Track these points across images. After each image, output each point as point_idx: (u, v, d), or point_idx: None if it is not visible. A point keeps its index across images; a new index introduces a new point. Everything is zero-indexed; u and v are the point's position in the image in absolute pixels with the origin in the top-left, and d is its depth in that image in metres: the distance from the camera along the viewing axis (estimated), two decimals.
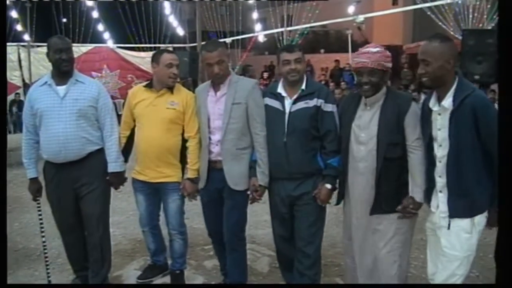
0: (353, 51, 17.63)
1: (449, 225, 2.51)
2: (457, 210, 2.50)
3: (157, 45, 16.59)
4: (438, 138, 2.56)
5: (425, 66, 2.51)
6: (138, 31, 16.44)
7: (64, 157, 3.19)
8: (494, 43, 7.56)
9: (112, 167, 3.34)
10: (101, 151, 3.34)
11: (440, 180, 2.57)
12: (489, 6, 10.16)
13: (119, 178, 3.42)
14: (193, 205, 3.55)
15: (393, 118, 2.71)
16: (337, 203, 3.06)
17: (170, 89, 3.35)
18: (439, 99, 2.56)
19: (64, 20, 16.79)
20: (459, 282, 2.48)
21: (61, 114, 3.15)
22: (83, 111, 3.21)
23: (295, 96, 3.03)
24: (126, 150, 3.52)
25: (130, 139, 3.54)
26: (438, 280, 2.56)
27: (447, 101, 2.49)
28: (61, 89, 3.19)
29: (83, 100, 3.21)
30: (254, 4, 15.62)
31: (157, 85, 3.37)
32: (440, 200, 2.58)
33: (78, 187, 3.28)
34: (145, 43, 16.56)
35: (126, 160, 3.50)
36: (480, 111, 2.39)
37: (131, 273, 3.85)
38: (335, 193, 3.04)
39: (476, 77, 7.37)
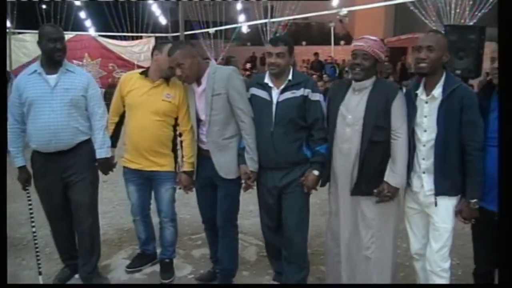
0: (334, 44, 17.81)
1: (435, 202, 2.74)
2: (443, 188, 2.72)
3: (139, 34, 16.46)
4: (424, 124, 2.74)
5: (429, 53, 2.68)
6: (120, 20, 16.25)
7: (54, 147, 3.18)
8: (475, 39, 7.74)
9: (99, 153, 3.35)
10: (90, 141, 3.35)
11: (424, 162, 2.77)
12: (471, 2, 10.36)
13: (108, 164, 3.43)
14: (179, 195, 3.59)
15: (381, 103, 2.83)
16: (323, 185, 3.15)
17: (167, 80, 3.35)
18: (427, 89, 2.74)
19: (44, 6, 16.50)
20: (447, 252, 2.76)
21: (52, 103, 3.13)
22: (74, 100, 3.20)
23: (282, 86, 3.07)
24: (115, 136, 3.52)
25: (119, 125, 3.55)
26: (431, 252, 2.79)
27: (437, 91, 2.70)
28: (52, 78, 3.17)
29: (74, 90, 3.20)
30: None
31: (153, 75, 3.35)
32: (424, 180, 2.78)
33: (67, 176, 3.28)
34: (127, 32, 16.39)
35: (114, 146, 3.50)
36: (468, 102, 2.64)
37: (119, 262, 3.87)
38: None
39: (458, 71, 7.53)
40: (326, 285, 3.18)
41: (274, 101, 3.06)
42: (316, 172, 3.02)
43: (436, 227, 2.76)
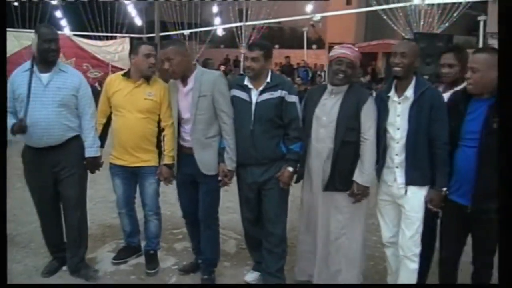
0: (307, 48, 18.16)
1: (406, 191, 3.02)
2: (414, 179, 3.00)
3: (114, 34, 16.43)
4: (397, 123, 3.02)
5: (402, 58, 2.97)
6: (95, 20, 16.21)
7: (45, 143, 3.34)
8: (443, 46, 8.18)
9: (89, 152, 3.52)
10: (79, 138, 3.50)
11: (397, 158, 3.04)
12: (439, 11, 10.87)
13: (95, 163, 3.59)
14: (160, 192, 3.79)
15: (353, 106, 3.11)
16: (297, 181, 3.42)
17: (147, 79, 3.55)
18: (398, 91, 3.03)
19: (16, 4, 16.28)
20: (419, 239, 3.03)
21: (44, 101, 3.29)
22: (66, 99, 3.35)
23: (261, 88, 3.30)
24: (103, 136, 3.69)
25: (106, 126, 3.72)
26: (403, 238, 3.06)
27: (409, 92, 2.98)
28: (45, 76, 3.32)
29: (65, 89, 3.36)
30: None
31: (134, 75, 3.56)
32: (397, 174, 3.05)
33: (57, 171, 3.43)
34: (102, 32, 16.34)
35: (102, 146, 3.67)
36: (436, 102, 2.94)
37: (104, 255, 4.03)
38: None
39: (426, 77, 7.91)
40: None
41: (254, 101, 3.30)
42: (290, 169, 3.28)
43: (408, 216, 3.03)
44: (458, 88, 3.13)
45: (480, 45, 9.82)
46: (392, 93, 3.06)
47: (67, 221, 3.59)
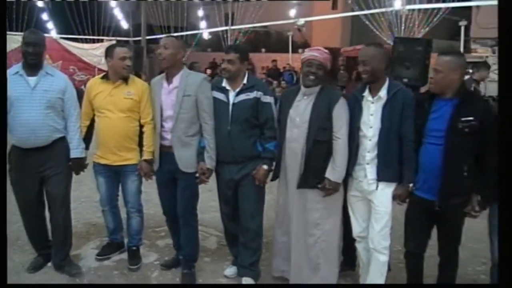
0: (293, 51, 18.38)
1: (377, 186, 3.20)
2: (384, 175, 3.19)
3: (100, 37, 16.48)
4: (370, 121, 3.20)
5: (364, 66, 3.15)
6: (81, 23, 16.25)
7: (32, 143, 3.47)
8: (421, 50, 8.40)
9: (74, 153, 3.66)
10: (64, 139, 3.65)
11: (369, 155, 3.22)
12: (420, 16, 11.15)
13: (80, 164, 3.74)
14: (144, 192, 3.95)
15: (325, 107, 3.30)
16: (272, 179, 3.61)
17: (125, 80, 3.71)
18: (372, 92, 3.21)
19: None
20: (388, 232, 3.22)
21: (31, 103, 3.42)
22: (52, 101, 3.49)
23: (238, 89, 3.49)
24: (87, 138, 3.83)
25: (90, 128, 3.86)
26: (373, 232, 3.24)
27: (383, 92, 3.16)
28: (32, 79, 3.46)
29: (52, 92, 3.50)
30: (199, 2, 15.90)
31: (112, 77, 3.72)
32: (368, 171, 3.23)
33: (43, 171, 3.57)
34: (89, 35, 16.39)
35: (87, 148, 3.82)
36: (408, 101, 3.13)
37: (89, 252, 4.17)
38: None
39: (405, 80, 8.12)
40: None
41: (231, 102, 3.48)
42: (265, 167, 3.46)
43: (377, 211, 3.21)
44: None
45: (461, 49, 10.08)
46: (366, 93, 3.25)
47: (53, 219, 3.72)
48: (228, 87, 3.51)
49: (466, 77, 6.77)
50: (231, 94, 3.50)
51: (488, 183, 2.87)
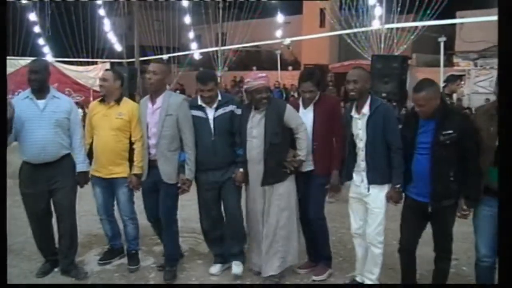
0: (282, 69, 18.94)
1: (368, 188, 3.69)
2: (374, 179, 3.68)
3: (95, 59, 16.92)
4: (360, 135, 3.70)
5: (355, 84, 3.64)
6: (76, 46, 16.71)
7: (42, 159, 3.91)
8: (398, 66, 8.93)
9: (80, 167, 4.11)
10: (70, 155, 4.10)
11: (363, 163, 3.72)
12: (398, 34, 11.73)
13: (85, 177, 4.19)
14: (137, 206, 4.40)
15: (275, 116, 3.89)
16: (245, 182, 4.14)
17: (118, 101, 4.18)
18: (358, 109, 3.70)
19: None
20: (382, 230, 3.71)
21: (41, 123, 3.87)
22: (60, 121, 3.95)
23: (215, 105, 4.03)
24: (90, 154, 4.28)
25: (93, 146, 4.29)
26: (369, 229, 3.73)
27: (365, 109, 3.65)
28: (41, 102, 3.91)
29: (59, 113, 3.95)
30: (190, 23, 16.41)
31: (108, 99, 4.21)
32: (364, 176, 3.72)
33: (52, 183, 3.99)
34: (83, 58, 16.83)
35: (90, 163, 4.26)
36: (388, 115, 3.64)
37: (92, 258, 4.59)
38: None
39: (384, 94, 8.63)
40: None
41: (211, 117, 4.03)
42: (241, 169, 4.01)
43: (372, 211, 3.70)
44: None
45: (441, 63, 10.48)
46: (353, 112, 3.76)
47: (60, 227, 4.14)
48: (204, 105, 4.05)
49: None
50: (209, 110, 4.04)
51: (471, 184, 3.32)
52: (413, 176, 3.53)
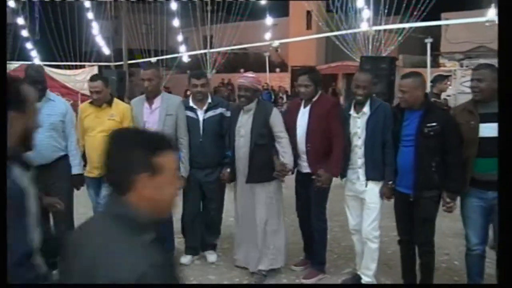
0: (270, 71, 19.05)
1: (366, 184, 3.81)
2: (372, 176, 3.79)
3: (82, 63, 16.87)
4: (358, 133, 3.79)
5: (364, 90, 3.73)
6: (64, 49, 16.65)
7: (38, 162, 3.90)
8: (386, 67, 9.06)
9: (76, 170, 4.14)
10: (66, 157, 4.11)
11: (360, 160, 3.82)
12: (386, 36, 11.89)
13: (80, 179, 4.22)
14: None
15: (261, 117, 4.00)
16: (233, 180, 4.27)
17: (109, 103, 4.24)
18: (357, 108, 3.81)
19: None
20: (377, 224, 3.81)
21: None
22: (54, 124, 3.96)
23: (205, 107, 4.23)
24: (84, 156, 4.31)
25: (86, 146, 4.33)
26: (365, 224, 3.84)
27: (366, 109, 3.77)
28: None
29: (54, 115, 3.97)
30: (178, 26, 16.42)
31: (99, 101, 4.26)
32: (360, 173, 3.84)
33: (48, 185, 3.99)
34: (71, 61, 16.77)
35: (85, 165, 4.29)
36: (388, 114, 3.73)
37: None
38: None
39: (373, 95, 8.75)
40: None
41: (201, 119, 4.22)
42: (228, 169, 4.16)
43: (368, 206, 3.81)
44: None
45: (428, 64, 10.64)
46: (352, 111, 3.84)
47: (58, 227, 4.13)
48: (195, 106, 4.21)
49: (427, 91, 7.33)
50: (199, 112, 4.21)
51: (452, 176, 3.44)
52: (399, 168, 3.65)
